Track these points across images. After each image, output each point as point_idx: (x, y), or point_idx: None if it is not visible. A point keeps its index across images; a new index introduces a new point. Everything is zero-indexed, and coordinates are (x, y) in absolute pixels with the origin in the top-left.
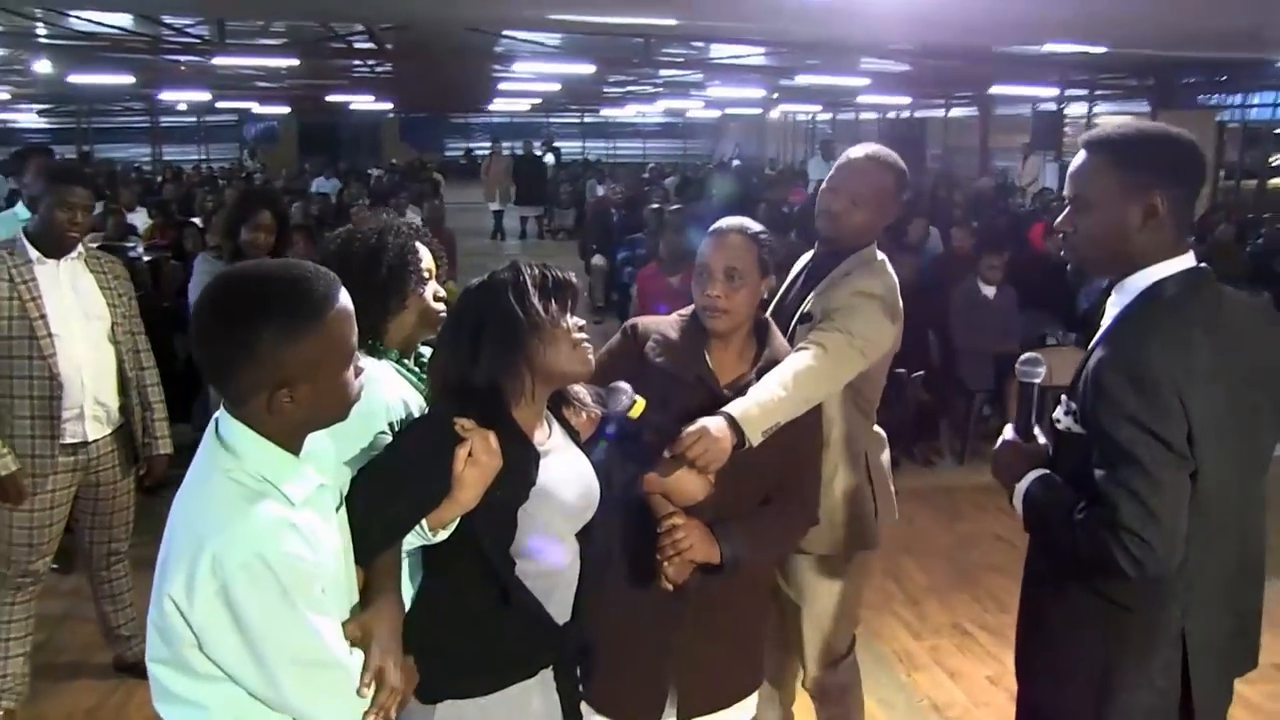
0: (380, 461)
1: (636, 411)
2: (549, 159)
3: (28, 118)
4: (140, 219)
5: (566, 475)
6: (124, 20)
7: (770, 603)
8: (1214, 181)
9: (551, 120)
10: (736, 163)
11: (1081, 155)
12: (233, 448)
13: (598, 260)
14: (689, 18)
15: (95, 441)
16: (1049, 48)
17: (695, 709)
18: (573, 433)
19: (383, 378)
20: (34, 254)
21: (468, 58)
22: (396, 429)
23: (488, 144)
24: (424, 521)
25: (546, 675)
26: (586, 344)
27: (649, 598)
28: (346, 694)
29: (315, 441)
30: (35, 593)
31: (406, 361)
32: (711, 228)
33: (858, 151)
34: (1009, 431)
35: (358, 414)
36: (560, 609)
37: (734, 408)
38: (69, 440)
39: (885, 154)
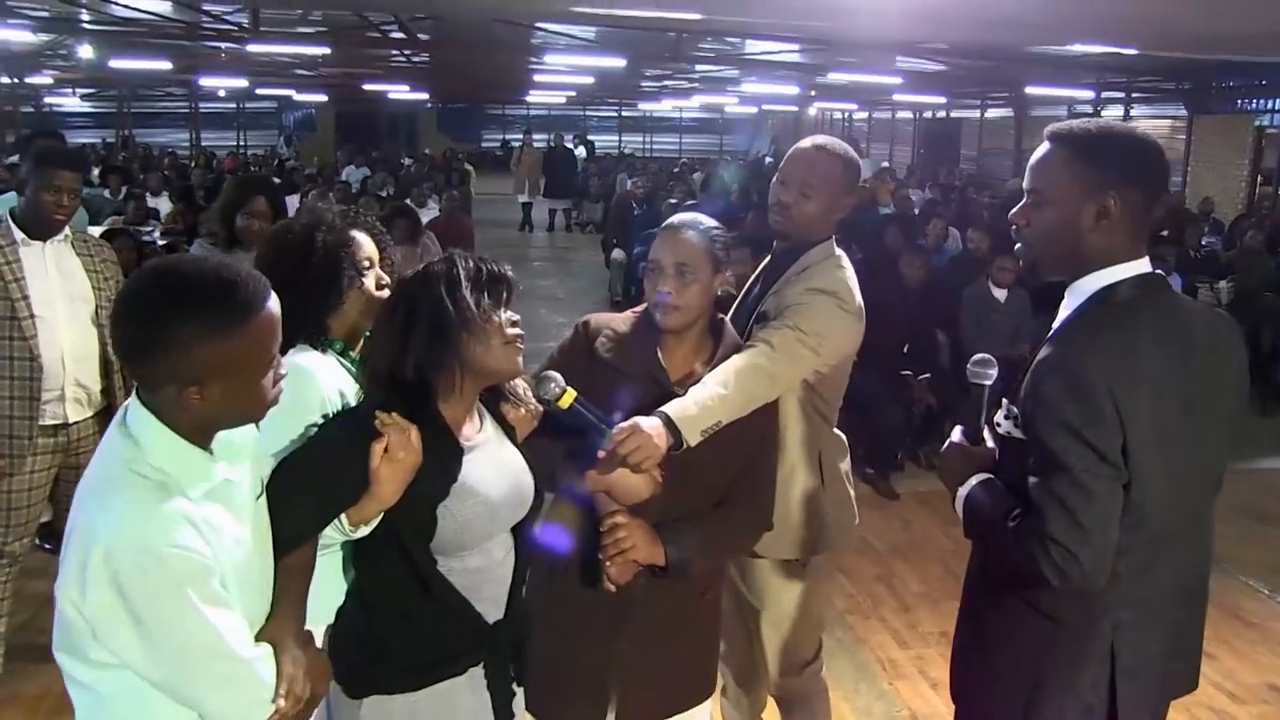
0: (298, 455)
1: (566, 402)
2: (580, 152)
3: (71, 102)
4: (166, 203)
5: (494, 471)
6: (163, 7)
7: (720, 609)
8: (1251, 188)
9: (589, 114)
10: (769, 160)
11: (1044, 146)
12: (136, 438)
13: (617, 254)
14: (713, 12)
15: (76, 424)
16: (1081, 49)
17: (634, 717)
18: (508, 429)
19: (320, 371)
20: (19, 235)
21: (500, 49)
22: None
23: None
24: (343, 517)
25: (477, 674)
26: (519, 342)
27: (595, 601)
28: (245, 688)
29: (242, 432)
30: (13, 574)
31: (351, 353)
32: (664, 224)
33: (806, 142)
34: (957, 434)
35: (292, 406)
36: (492, 607)
37: (671, 407)
38: (49, 421)
39: (834, 144)
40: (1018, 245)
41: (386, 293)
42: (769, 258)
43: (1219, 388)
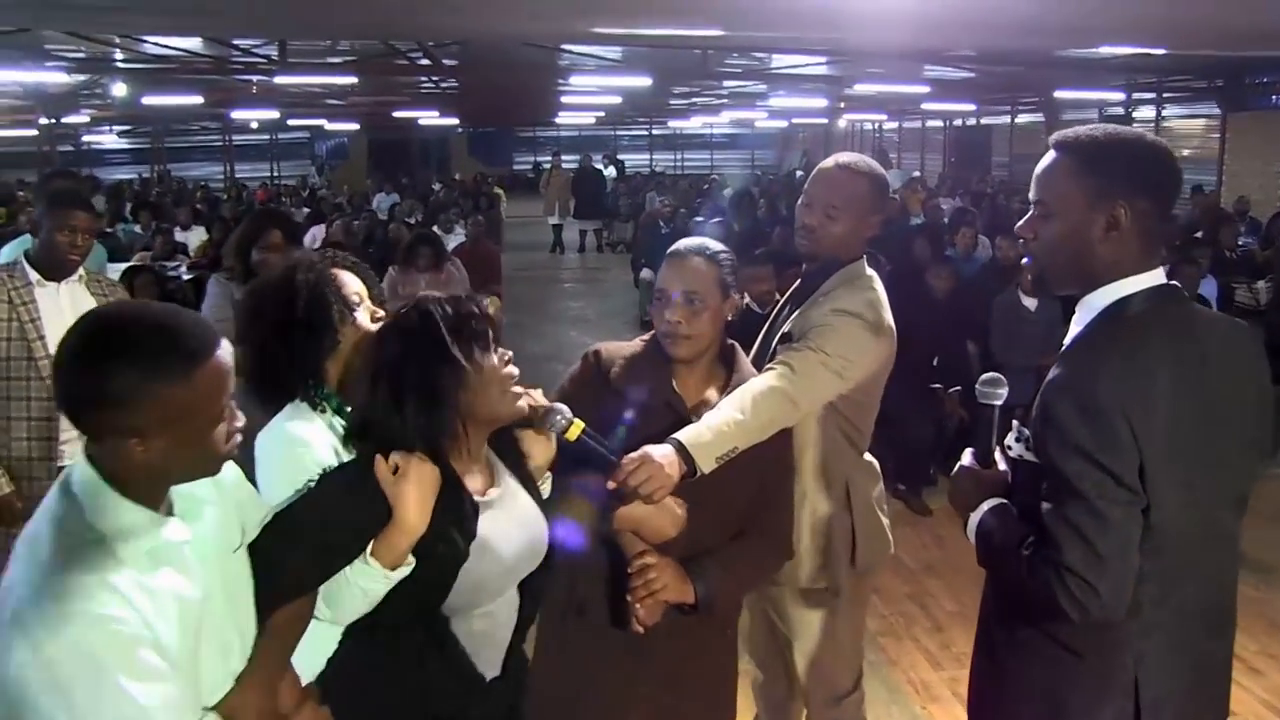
0: (287, 511)
1: (573, 434)
2: (610, 172)
3: (108, 139)
4: (196, 237)
5: (511, 528)
6: (193, 43)
7: (736, 645)
8: None
9: (619, 133)
10: (800, 173)
11: (1049, 156)
12: (77, 495)
13: (646, 274)
14: (733, 28)
15: None
16: (1109, 51)
17: None
18: (525, 475)
19: (314, 440)
20: (34, 276)
21: (526, 72)
22: None
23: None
24: (374, 561)
25: None
26: (515, 381)
27: (615, 641)
28: None
29: (209, 483)
30: None
31: (349, 409)
32: (670, 249)
33: (829, 162)
34: (967, 457)
35: (293, 476)
36: (489, 666)
37: (684, 433)
38: (66, 462)
39: (859, 161)
40: (1025, 259)
41: None
42: (799, 280)
43: (1239, 402)
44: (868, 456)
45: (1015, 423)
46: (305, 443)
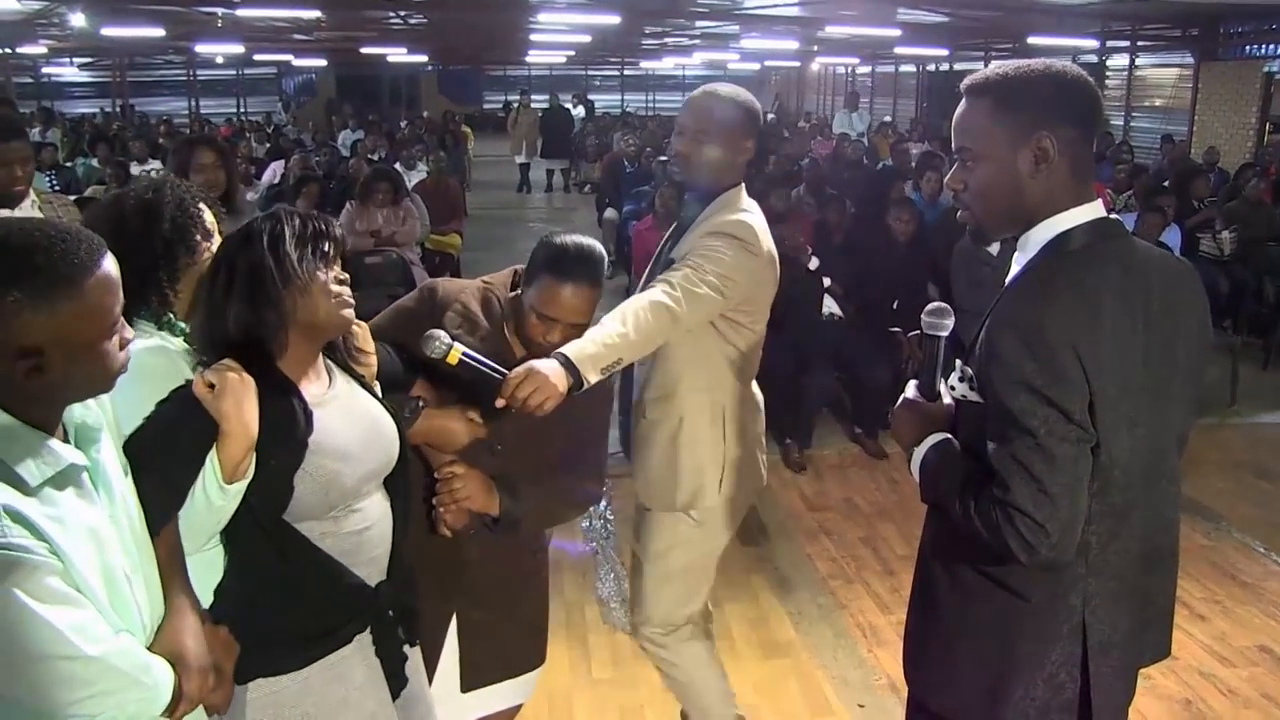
0: (129, 441)
1: (454, 358)
2: (579, 112)
3: (69, 71)
4: (153, 170)
5: (347, 423)
6: None
7: (547, 572)
8: (1259, 135)
9: (590, 73)
10: (771, 116)
11: (962, 103)
12: None
13: (609, 214)
14: None
15: None
16: None
17: (472, 679)
18: (360, 379)
19: (170, 369)
20: None
21: (494, 8)
22: None
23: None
24: (217, 472)
25: (365, 640)
26: (346, 297)
27: (430, 560)
28: (100, 686)
29: (95, 411)
30: None
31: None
32: (558, 272)
33: (698, 91)
34: (911, 390)
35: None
36: (374, 569)
37: (568, 347)
38: None
39: (726, 88)
40: (960, 212)
41: None
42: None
43: (1181, 339)
44: (755, 390)
45: (958, 361)
46: (159, 371)
